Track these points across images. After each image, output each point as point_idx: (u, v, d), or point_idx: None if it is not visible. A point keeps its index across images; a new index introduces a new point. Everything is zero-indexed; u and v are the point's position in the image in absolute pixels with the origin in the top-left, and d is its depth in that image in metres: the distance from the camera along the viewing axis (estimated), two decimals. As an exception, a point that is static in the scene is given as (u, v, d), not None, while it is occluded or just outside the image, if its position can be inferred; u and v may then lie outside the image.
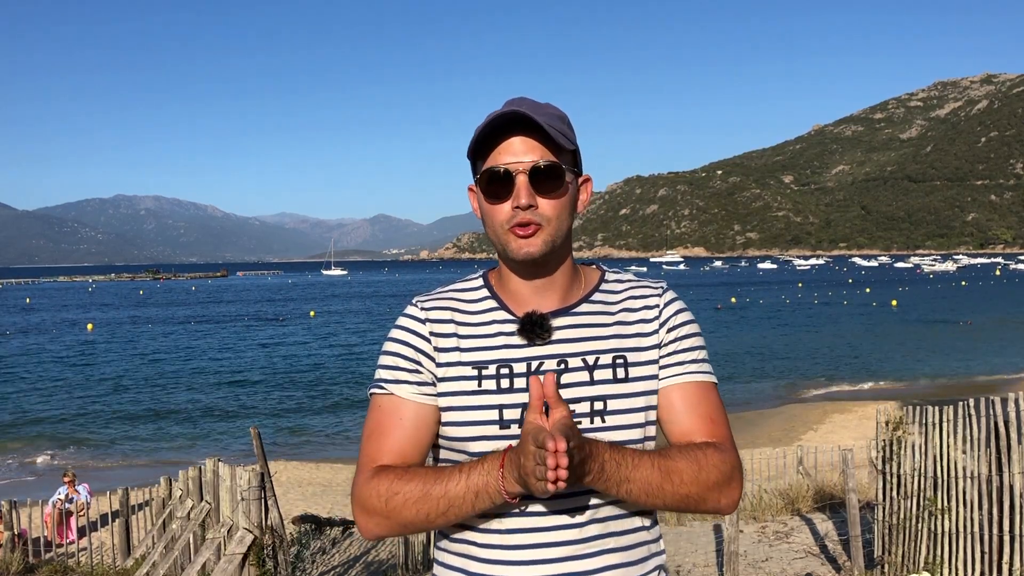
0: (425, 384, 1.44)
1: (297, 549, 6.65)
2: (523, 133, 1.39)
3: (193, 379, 32.04)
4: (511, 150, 1.39)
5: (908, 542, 5.73)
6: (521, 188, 1.38)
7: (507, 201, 1.40)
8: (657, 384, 1.46)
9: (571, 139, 1.44)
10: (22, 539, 9.81)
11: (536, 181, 1.39)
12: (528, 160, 1.38)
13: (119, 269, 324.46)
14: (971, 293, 76.74)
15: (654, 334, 1.47)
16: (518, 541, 1.37)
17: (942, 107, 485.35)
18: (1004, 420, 4.99)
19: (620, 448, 1.34)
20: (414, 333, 1.46)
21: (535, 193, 1.39)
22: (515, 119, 1.38)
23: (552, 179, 1.40)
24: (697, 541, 8.27)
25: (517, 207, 1.38)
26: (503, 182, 1.39)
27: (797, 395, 26.03)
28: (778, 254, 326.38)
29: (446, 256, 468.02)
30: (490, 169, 1.40)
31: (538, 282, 1.45)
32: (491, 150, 1.41)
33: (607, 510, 1.40)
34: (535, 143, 1.39)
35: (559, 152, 1.41)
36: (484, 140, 1.41)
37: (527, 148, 1.39)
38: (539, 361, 1.42)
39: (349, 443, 20.73)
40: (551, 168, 1.39)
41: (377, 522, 1.39)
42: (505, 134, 1.40)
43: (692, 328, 1.50)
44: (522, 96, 1.45)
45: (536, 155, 1.39)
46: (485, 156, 1.42)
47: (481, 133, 1.40)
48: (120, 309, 77.07)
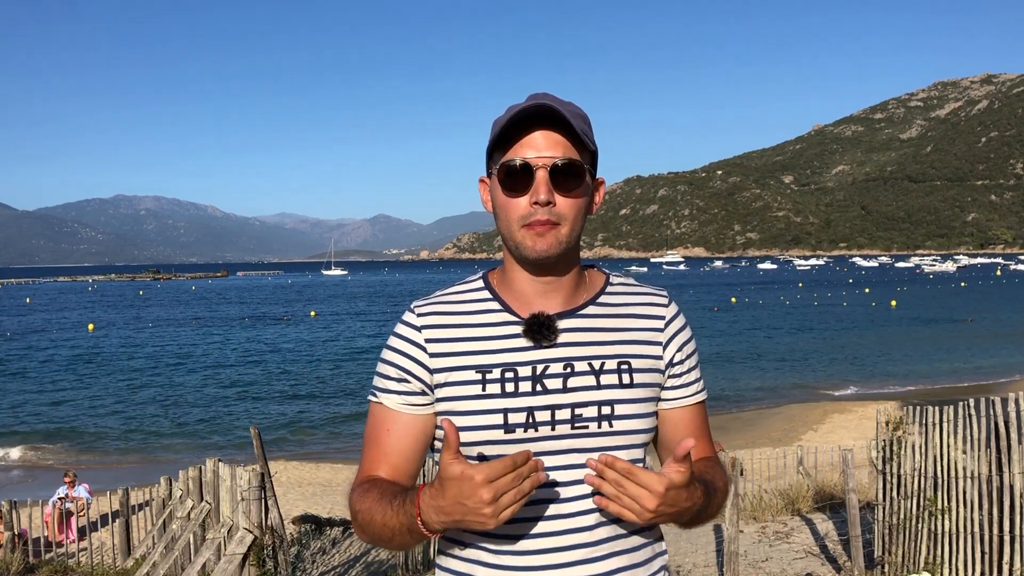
0: (413, 394, 1.43)
1: (297, 549, 6.65)
2: (547, 127, 1.36)
3: (193, 379, 32.01)
4: (533, 144, 1.35)
5: (908, 542, 5.73)
6: (541, 184, 1.35)
7: (525, 195, 1.36)
8: (658, 393, 1.47)
9: (592, 139, 1.42)
10: (22, 539, 9.81)
11: (557, 178, 1.35)
12: (550, 156, 1.35)
13: (119, 269, 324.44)
14: (971, 293, 76.71)
15: (659, 346, 1.47)
16: (530, 546, 1.36)
17: (942, 107, 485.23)
18: (1004, 420, 4.99)
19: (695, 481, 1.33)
20: (408, 341, 1.44)
21: (554, 190, 1.36)
22: (541, 113, 1.35)
23: (573, 177, 1.37)
24: (697, 541, 8.27)
25: (536, 203, 1.35)
26: (523, 176, 1.36)
27: (797, 395, 26.00)
28: (778, 254, 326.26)
29: (446, 256, 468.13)
30: (511, 161, 1.36)
31: (545, 282, 1.42)
32: (513, 142, 1.37)
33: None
34: (559, 139, 1.36)
35: (580, 151, 1.38)
36: (508, 131, 1.37)
37: (550, 144, 1.35)
38: (544, 364, 1.39)
39: (349, 443, 20.71)
40: (574, 166, 1.36)
41: (358, 533, 1.44)
42: (529, 128, 1.36)
43: (695, 345, 1.52)
44: (544, 92, 1.43)
45: (559, 151, 1.35)
46: (505, 148, 1.38)
47: (506, 124, 1.35)
48: (120, 309, 77.00)
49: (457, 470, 1.20)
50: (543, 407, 1.37)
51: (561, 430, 1.37)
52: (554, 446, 1.37)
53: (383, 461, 1.43)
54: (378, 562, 8.65)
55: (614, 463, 1.25)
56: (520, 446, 1.36)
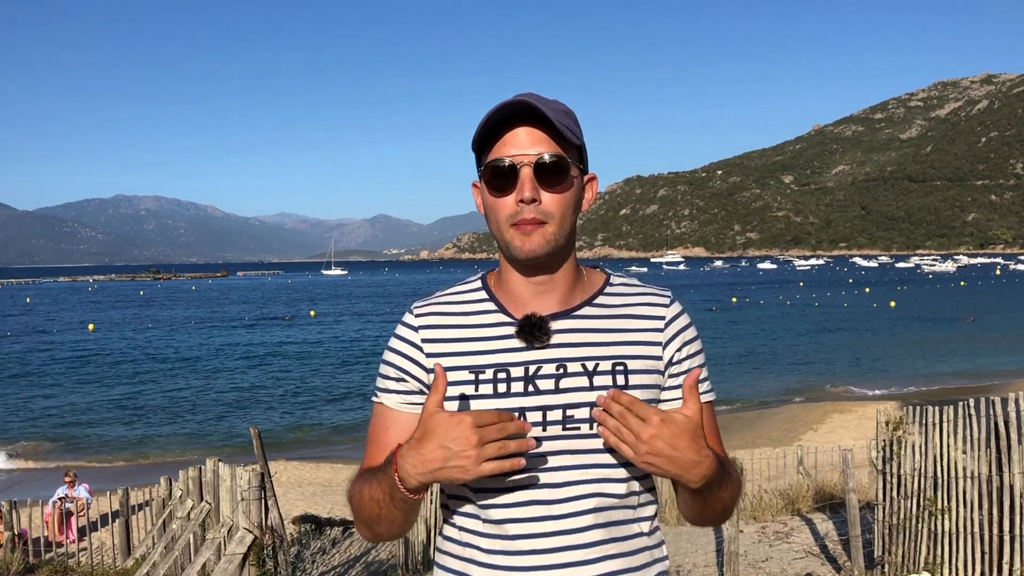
0: (411, 393, 1.44)
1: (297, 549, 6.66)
2: (529, 125, 1.36)
3: (193, 379, 32.04)
4: (516, 142, 1.35)
5: (908, 542, 5.73)
6: (525, 181, 1.34)
7: (510, 195, 1.36)
8: (657, 395, 1.45)
9: (577, 134, 1.40)
10: (22, 539, 9.81)
11: (541, 175, 1.35)
12: (534, 152, 1.35)
13: (119, 269, 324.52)
14: (971, 293, 76.72)
15: (660, 346, 1.45)
16: (522, 547, 1.36)
17: (942, 107, 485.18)
18: (1004, 420, 4.99)
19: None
20: (405, 341, 1.46)
21: (540, 187, 1.35)
22: (521, 110, 1.35)
23: (557, 173, 1.36)
24: (697, 541, 8.27)
25: (521, 200, 1.35)
26: (507, 175, 1.36)
27: (797, 395, 26.02)
28: (778, 254, 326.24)
29: (446, 256, 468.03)
30: (494, 161, 1.36)
31: (539, 282, 1.42)
32: (496, 142, 1.37)
33: (609, 515, 1.38)
34: (542, 135, 1.36)
35: (565, 146, 1.38)
36: (489, 131, 1.37)
37: (533, 140, 1.35)
38: (537, 365, 1.39)
39: (349, 443, 20.71)
40: (557, 161, 1.35)
41: (357, 525, 1.46)
42: (510, 125, 1.36)
43: (700, 345, 1.50)
44: (529, 91, 1.42)
45: (542, 148, 1.35)
46: (489, 148, 1.38)
47: (486, 123, 1.36)
48: (121, 309, 77.06)
49: (444, 413, 1.23)
50: (535, 408, 1.37)
51: (552, 431, 1.37)
52: (546, 447, 1.36)
53: (381, 458, 1.44)
54: (378, 562, 8.65)
55: (619, 396, 1.27)
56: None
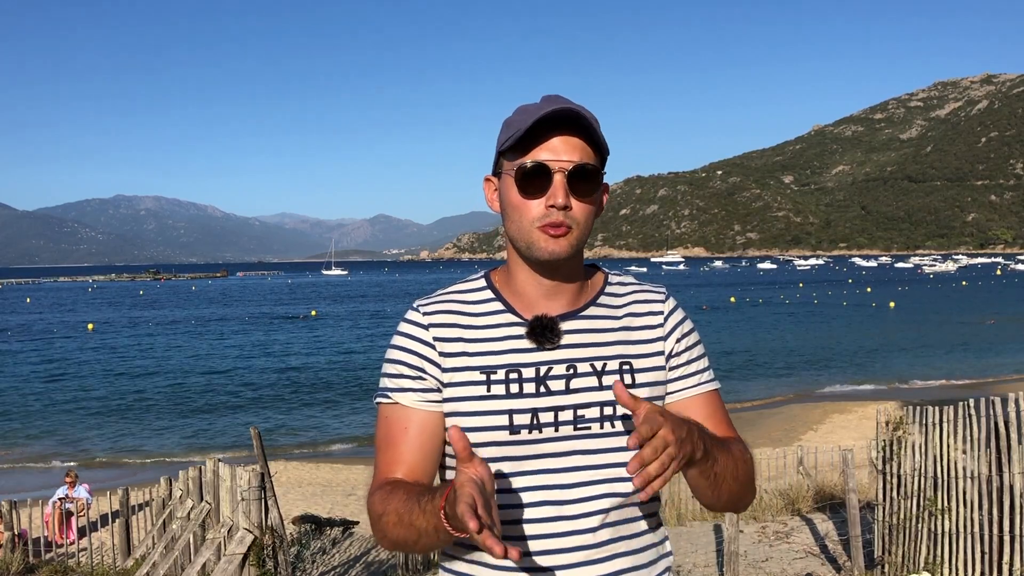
0: (430, 391, 1.42)
1: (297, 549, 6.65)
2: (566, 132, 1.36)
3: (193, 379, 32.01)
4: (551, 147, 1.36)
5: (908, 542, 5.73)
6: (559, 187, 1.35)
7: (540, 198, 1.36)
8: (663, 391, 1.46)
9: (607, 146, 1.42)
10: (22, 539, 9.81)
11: (574, 182, 1.36)
12: (568, 160, 1.35)
13: (119, 269, 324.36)
14: (971, 293, 76.72)
15: (660, 341, 1.47)
16: (532, 547, 1.36)
17: (942, 107, 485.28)
18: (1004, 420, 4.99)
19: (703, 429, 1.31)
20: (417, 339, 1.43)
21: (570, 194, 1.36)
22: (564, 115, 1.35)
23: (589, 182, 1.37)
24: (697, 541, 8.27)
25: (552, 206, 1.35)
26: (540, 178, 1.36)
27: (797, 395, 26.00)
28: (778, 254, 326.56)
29: (446, 256, 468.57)
30: (529, 163, 1.36)
31: (550, 284, 1.42)
32: (530, 144, 1.37)
33: (617, 514, 1.40)
34: (578, 143, 1.36)
35: (597, 155, 1.39)
36: (526, 133, 1.36)
37: (569, 147, 1.36)
38: (548, 365, 1.40)
39: (349, 443, 20.72)
40: (591, 171, 1.37)
41: (379, 538, 1.39)
42: (550, 129, 1.36)
43: (697, 336, 1.51)
44: (556, 94, 1.42)
45: (577, 156, 1.36)
46: (522, 148, 1.37)
47: (529, 126, 1.34)
48: (121, 309, 77.02)
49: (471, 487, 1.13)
50: (546, 408, 1.38)
51: (564, 431, 1.38)
52: (557, 447, 1.38)
53: (400, 462, 1.41)
54: (378, 562, 8.65)
55: (621, 395, 1.22)
56: (524, 447, 1.37)
